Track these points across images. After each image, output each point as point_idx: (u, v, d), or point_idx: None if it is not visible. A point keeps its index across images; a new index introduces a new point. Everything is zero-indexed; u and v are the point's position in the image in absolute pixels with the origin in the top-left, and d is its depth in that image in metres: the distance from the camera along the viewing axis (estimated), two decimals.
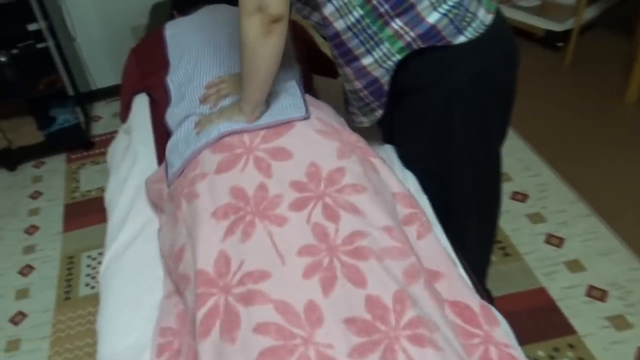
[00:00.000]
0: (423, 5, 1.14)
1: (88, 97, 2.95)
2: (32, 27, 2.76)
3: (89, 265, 2.11)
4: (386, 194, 1.20)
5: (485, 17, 1.19)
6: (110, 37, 2.91)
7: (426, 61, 1.20)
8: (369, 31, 1.16)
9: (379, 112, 1.30)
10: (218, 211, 1.12)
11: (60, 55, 2.58)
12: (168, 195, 1.28)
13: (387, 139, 1.49)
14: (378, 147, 1.48)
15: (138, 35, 2.91)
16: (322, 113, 1.33)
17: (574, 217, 2.05)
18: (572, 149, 2.36)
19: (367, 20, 1.15)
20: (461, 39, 1.17)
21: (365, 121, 1.36)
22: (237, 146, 1.23)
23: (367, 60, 1.20)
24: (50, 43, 2.53)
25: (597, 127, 2.46)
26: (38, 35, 2.73)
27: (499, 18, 1.21)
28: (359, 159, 1.22)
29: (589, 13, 2.92)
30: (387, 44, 1.17)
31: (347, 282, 1.00)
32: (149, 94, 1.69)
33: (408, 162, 1.41)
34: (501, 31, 1.22)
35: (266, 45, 1.12)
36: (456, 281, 1.11)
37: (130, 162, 1.53)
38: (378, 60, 1.19)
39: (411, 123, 1.31)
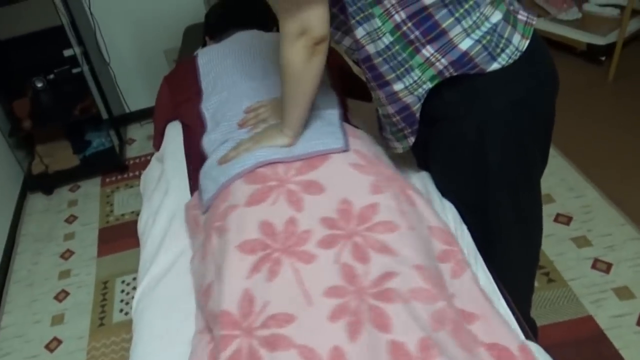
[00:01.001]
0: (455, 32, 1.09)
1: (122, 121, 2.97)
2: (67, 52, 2.81)
3: (122, 291, 2.10)
4: (422, 228, 1.15)
5: (520, 42, 1.13)
6: (143, 61, 2.94)
7: (458, 89, 1.15)
8: (399, 58, 1.12)
9: (411, 139, 1.25)
10: (245, 245, 1.09)
11: (95, 80, 2.61)
12: (203, 225, 1.26)
13: (422, 166, 1.44)
14: (415, 175, 1.43)
15: (171, 58, 2.93)
16: (360, 144, 1.30)
17: (622, 241, 1.96)
18: (618, 168, 2.26)
19: (397, 47, 1.11)
20: (495, 66, 1.11)
21: (399, 147, 1.31)
22: (270, 178, 1.20)
23: (398, 86, 1.16)
24: (85, 68, 2.55)
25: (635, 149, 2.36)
26: (73, 60, 2.78)
27: (535, 43, 1.14)
28: (394, 193, 1.17)
29: (633, 25, 2.82)
30: (417, 72, 1.12)
31: (372, 327, 0.95)
32: (182, 122, 1.67)
33: (445, 191, 1.35)
34: (538, 56, 1.16)
35: (311, 68, 1.11)
36: (493, 322, 1.05)
37: (162, 191, 1.51)
38: (409, 87, 1.15)
39: (445, 152, 1.26)
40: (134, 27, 2.84)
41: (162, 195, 1.50)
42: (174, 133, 1.66)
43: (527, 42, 1.12)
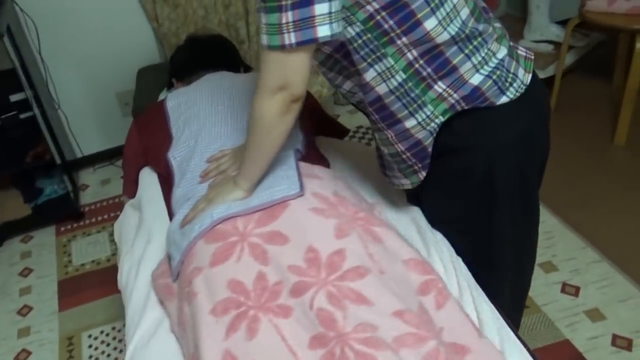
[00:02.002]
0: (466, 68, 1.13)
1: (73, 166, 2.87)
2: (14, 97, 2.69)
3: (90, 346, 1.99)
4: (395, 265, 1.15)
5: (524, 76, 1.19)
6: (94, 103, 2.86)
7: (468, 122, 1.18)
8: (412, 94, 1.14)
9: (422, 174, 1.28)
10: (217, 307, 1.07)
11: (47, 124, 2.51)
12: (176, 292, 1.22)
13: (413, 199, 1.46)
14: (402, 209, 1.45)
15: (123, 100, 2.88)
16: (318, 184, 1.29)
17: (586, 264, 2.04)
18: (571, 194, 2.37)
19: (410, 84, 1.13)
20: (503, 99, 1.16)
21: (407, 183, 1.33)
22: (230, 233, 1.18)
23: (410, 123, 1.18)
24: (37, 112, 2.45)
25: (593, 171, 2.49)
26: (21, 105, 2.66)
27: (535, 77, 1.22)
28: (358, 235, 1.17)
29: (568, 59, 3.00)
30: (430, 107, 1.16)
31: None
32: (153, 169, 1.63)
33: (440, 222, 1.38)
34: (538, 89, 1.23)
35: (283, 123, 1.11)
36: (484, 353, 1.06)
37: (144, 241, 1.46)
38: (421, 123, 1.17)
39: (450, 183, 1.28)
40: (84, 69, 2.76)
41: (144, 244, 1.45)
42: (150, 179, 1.62)
43: (530, 75, 1.19)
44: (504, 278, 1.39)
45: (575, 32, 3.06)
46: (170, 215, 1.45)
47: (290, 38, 0.98)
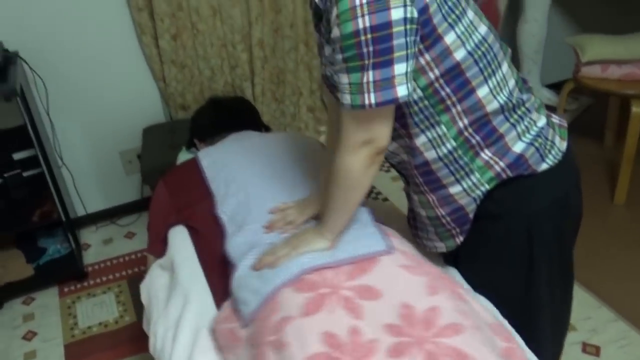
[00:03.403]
0: (511, 136, 1.17)
1: (76, 224, 2.82)
2: (18, 155, 2.67)
3: None
4: (484, 327, 1.17)
5: (560, 144, 1.24)
6: (97, 162, 2.84)
7: (509, 188, 1.22)
8: (461, 162, 1.17)
9: (460, 239, 1.29)
10: None
11: (53, 183, 2.47)
12: (247, 339, 1.19)
13: (449, 261, 1.47)
14: (443, 271, 1.45)
15: (127, 159, 2.86)
16: (399, 243, 1.32)
17: (603, 323, 2.06)
18: (579, 254, 2.40)
19: (460, 152, 1.17)
20: (544, 166, 1.20)
21: (441, 247, 1.35)
22: (321, 284, 1.18)
23: (455, 189, 1.21)
24: (45, 170, 2.42)
25: (596, 230, 2.54)
26: (25, 164, 2.64)
27: (569, 144, 1.26)
28: (449, 293, 1.19)
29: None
30: (477, 174, 1.19)
31: None
32: (188, 226, 1.61)
33: (479, 286, 1.39)
34: (571, 156, 1.27)
35: (368, 175, 1.13)
36: None
37: (180, 303, 1.43)
38: (466, 190, 1.20)
39: (488, 248, 1.31)
40: (89, 127, 2.76)
41: (180, 306, 1.42)
42: (182, 240, 1.60)
43: (565, 143, 1.23)
44: (543, 339, 1.39)
45: (567, 96, 3.19)
46: (210, 276, 1.44)
47: (371, 98, 1.02)
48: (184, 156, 2.04)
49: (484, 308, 1.23)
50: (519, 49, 3.15)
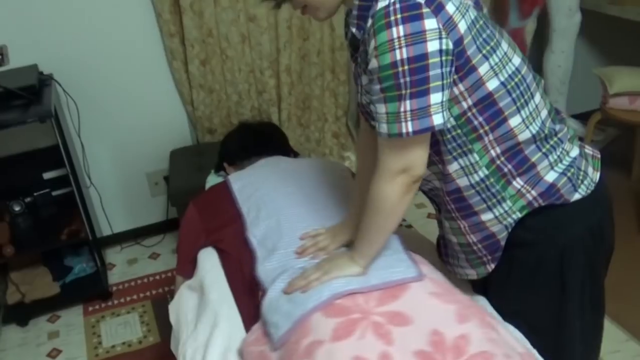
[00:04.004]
0: (543, 165, 1.18)
1: (102, 244, 2.85)
2: (47, 175, 2.72)
3: None
4: (514, 355, 1.16)
5: (593, 174, 1.24)
6: (125, 182, 2.89)
7: (542, 217, 1.22)
8: (493, 190, 1.18)
9: (491, 266, 1.29)
10: None
11: (82, 202, 2.51)
12: None
13: (479, 289, 1.46)
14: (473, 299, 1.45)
15: (153, 180, 2.91)
16: (429, 270, 1.32)
17: (632, 357, 2.03)
18: (606, 286, 2.38)
19: (492, 180, 1.18)
20: (576, 196, 1.21)
21: (472, 274, 1.35)
22: (352, 310, 1.18)
23: (486, 217, 1.21)
24: (74, 190, 2.47)
25: (623, 262, 2.49)
26: (54, 183, 2.69)
27: (602, 175, 1.26)
28: (478, 321, 1.19)
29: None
30: (509, 202, 1.19)
31: None
32: (218, 248, 1.63)
33: (511, 314, 1.38)
34: (603, 187, 1.27)
35: (404, 203, 1.15)
36: None
37: (209, 324, 1.44)
38: (498, 217, 1.20)
39: (521, 276, 1.30)
40: (117, 148, 2.81)
41: (210, 327, 1.43)
42: (212, 262, 1.61)
43: (598, 174, 1.23)
44: None
45: (594, 128, 3.18)
46: (240, 298, 1.44)
47: (408, 127, 1.04)
48: (212, 179, 2.07)
49: (514, 337, 1.22)
50: (545, 79, 3.16)
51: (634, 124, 2.69)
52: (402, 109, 1.04)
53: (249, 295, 1.44)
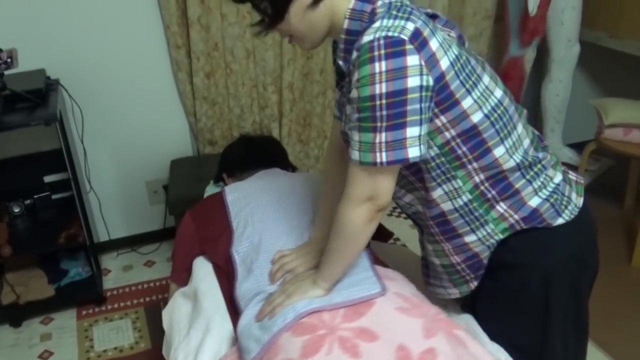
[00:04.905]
0: (527, 192, 1.22)
1: (98, 249, 2.87)
2: (48, 178, 2.76)
3: None
4: None
5: (577, 200, 1.28)
6: (124, 189, 2.92)
7: (525, 240, 1.25)
8: (476, 213, 1.22)
9: (474, 284, 1.33)
10: None
11: (81, 207, 2.54)
12: None
13: (467, 308, 1.49)
14: (458, 317, 1.48)
15: (152, 189, 2.94)
16: (397, 285, 1.34)
17: None
18: (595, 315, 2.40)
19: (475, 204, 1.21)
20: (560, 221, 1.24)
21: (455, 293, 1.38)
22: (318, 326, 1.21)
23: (470, 238, 1.25)
24: (75, 194, 2.50)
25: (613, 292, 2.54)
26: (55, 187, 2.72)
27: (585, 200, 1.30)
28: (445, 335, 1.21)
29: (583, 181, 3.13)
30: (491, 225, 1.23)
31: None
32: (210, 260, 1.66)
33: (495, 335, 1.40)
34: (588, 213, 1.31)
35: (368, 230, 1.18)
36: None
37: (202, 329, 1.46)
38: (481, 239, 1.24)
39: (503, 298, 1.34)
40: (118, 156, 2.85)
41: (202, 333, 1.46)
42: (206, 270, 1.64)
43: (582, 199, 1.27)
44: None
45: (589, 157, 3.23)
46: (231, 307, 1.47)
47: (382, 157, 1.06)
48: (211, 190, 2.10)
49: (485, 351, 1.24)
50: (542, 108, 3.21)
51: (628, 154, 2.74)
52: (377, 140, 1.06)
53: (235, 311, 1.46)
